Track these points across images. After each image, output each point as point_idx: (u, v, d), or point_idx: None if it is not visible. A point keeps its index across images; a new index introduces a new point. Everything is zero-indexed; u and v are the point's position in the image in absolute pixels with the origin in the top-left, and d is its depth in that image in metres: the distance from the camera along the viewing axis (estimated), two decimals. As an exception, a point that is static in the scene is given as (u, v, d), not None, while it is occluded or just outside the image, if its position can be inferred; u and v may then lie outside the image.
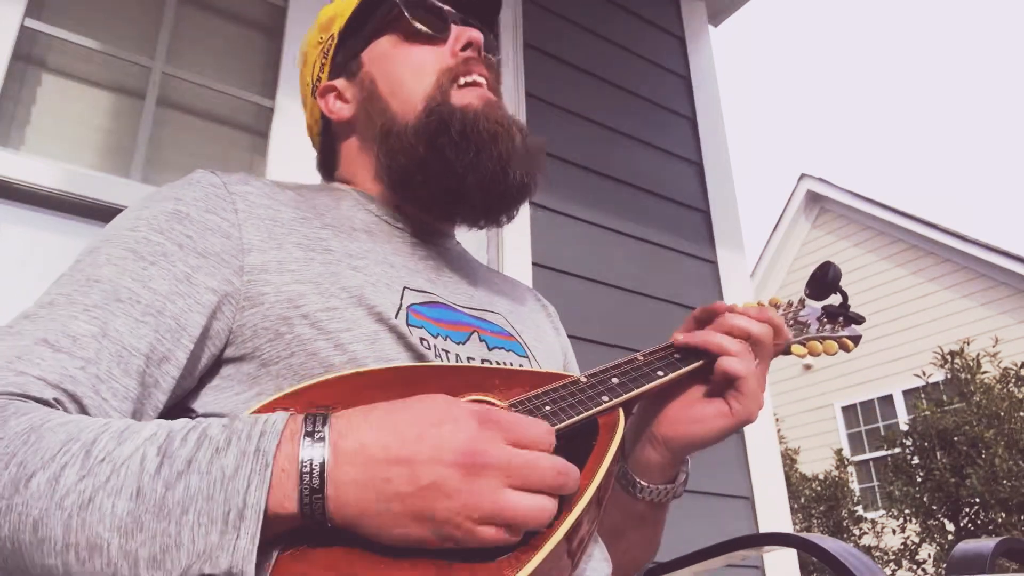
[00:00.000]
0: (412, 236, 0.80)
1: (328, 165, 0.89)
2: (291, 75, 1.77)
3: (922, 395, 7.02)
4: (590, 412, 0.62)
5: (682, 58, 2.67)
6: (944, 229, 8.69)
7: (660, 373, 0.71)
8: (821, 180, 9.95)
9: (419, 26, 0.79)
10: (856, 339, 0.86)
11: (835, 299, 0.86)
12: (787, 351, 0.81)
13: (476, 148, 0.73)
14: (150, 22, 1.71)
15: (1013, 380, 6.11)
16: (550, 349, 0.87)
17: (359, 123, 0.82)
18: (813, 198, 10.06)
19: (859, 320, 0.87)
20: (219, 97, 1.74)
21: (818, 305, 0.87)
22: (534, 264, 1.94)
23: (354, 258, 0.71)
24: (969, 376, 6.21)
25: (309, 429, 0.47)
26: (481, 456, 0.47)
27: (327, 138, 0.87)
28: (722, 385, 0.72)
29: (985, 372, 6.26)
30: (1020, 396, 5.96)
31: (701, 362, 0.73)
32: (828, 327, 0.85)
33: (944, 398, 6.33)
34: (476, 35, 0.79)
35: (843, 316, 0.87)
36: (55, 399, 0.52)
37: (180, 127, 1.69)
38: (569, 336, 1.00)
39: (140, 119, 1.62)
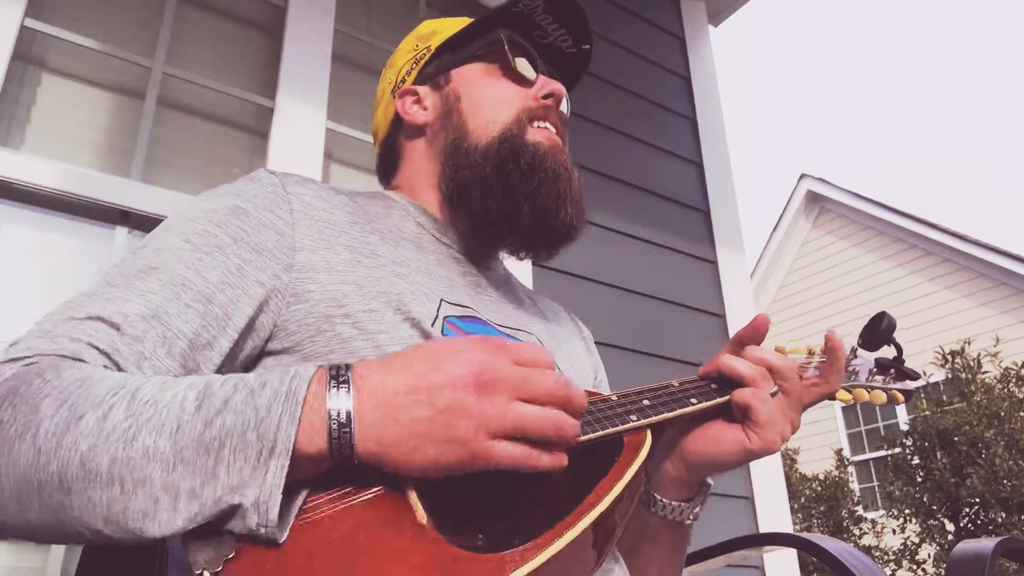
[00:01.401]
0: (457, 252, 0.83)
1: (386, 167, 0.92)
2: (291, 75, 1.77)
3: (922, 395, 7.02)
4: (617, 429, 0.63)
5: (682, 58, 2.67)
6: (944, 229, 8.69)
7: (693, 400, 0.71)
8: (821, 180, 9.95)
9: (517, 65, 0.85)
10: (908, 393, 0.85)
11: (888, 352, 0.85)
12: (832, 396, 0.81)
13: (539, 181, 0.78)
14: (150, 22, 1.71)
15: (1014, 380, 6.11)
16: (582, 371, 0.89)
17: (431, 131, 0.86)
18: (813, 198, 10.05)
19: (914, 376, 0.86)
20: (219, 97, 1.74)
21: (871, 356, 0.85)
22: (534, 264, 1.94)
23: (398, 265, 0.73)
24: (970, 376, 6.21)
25: (335, 374, 0.51)
26: (491, 374, 0.52)
27: (392, 140, 0.91)
28: (740, 414, 0.73)
29: (986, 372, 6.25)
30: (1021, 396, 5.96)
31: (730, 397, 0.74)
32: (879, 379, 0.84)
33: (944, 398, 6.33)
34: (560, 88, 0.85)
35: (896, 369, 0.86)
36: (103, 365, 0.55)
37: (180, 127, 1.68)
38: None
39: (140, 119, 1.62)
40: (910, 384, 0.86)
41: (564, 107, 0.89)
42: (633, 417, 0.64)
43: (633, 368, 1.99)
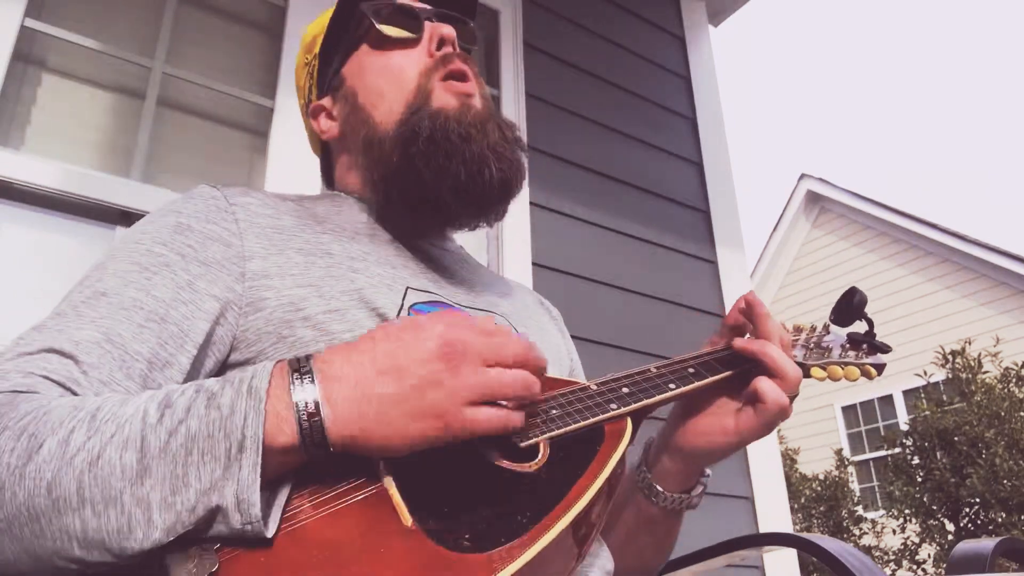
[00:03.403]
0: (412, 239, 0.81)
1: (328, 176, 0.92)
2: (291, 75, 1.77)
3: (922, 395, 7.01)
4: (597, 419, 0.62)
5: (682, 58, 2.67)
6: (944, 229, 8.69)
7: (672, 386, 0.71)
8: (821, 180, 9.94)
9: (388, 31, 0.79)
10: (880, 367, 0.85)
11: (860, 326, 0.86)
12: (807, 374, 0.81)
13: (446, 153, 0.72)
14: (150, 22, 1.71)
15: (1014, 380, 6.11)
16: (556, 352, 0.88)
17: (346, 138, 0.83)
18: (813, 198, 10.05)
19: (885, 349, 0.86)
20: (219, 97, 1.74)
21: (843, 331, 0.86)
22: (534, 264, 1.94)
23: (355, 260, 0.72)
24: (970, 376, 6.21)
25: (296, 366, 0.51)
26: (458, 344, 0.52)
27: (324, 155, 0.92)
28: (747, 399, 0.73)
29: (986, 372, 6.25)
30: (1021, 396, 5.96)
31: (714, 378, 0.73)
32: (852, 354, 0.85)
33: (944, 398, 6.33)
34: (448, 31, 0.79)
35: (868, 344, 0.86)
36: (60, 396, 0.54)
37: (180, 127, 1.68)
38: (570, 336, 1.00)
39: (140, 119, 1.62)
40: (882, 358, 0.86)
41: (470, 41, 0.84)
42: (613, 406, 0.64)
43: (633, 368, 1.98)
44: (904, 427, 6.80)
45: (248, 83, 1.79)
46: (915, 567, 6.15)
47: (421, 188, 0.74)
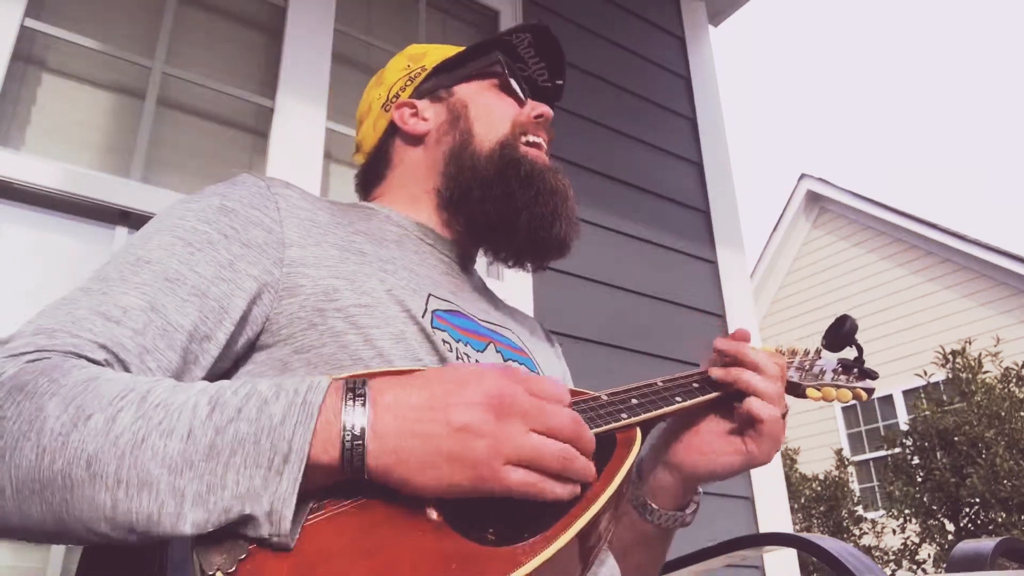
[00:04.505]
0: (439, 254, 0.85)
1: (371, 176, 0.94)
2: (291, 75, 1.77)
3: (922, 395, 7.01)
4: (610, 426, 0.65)
5: (682, 58, 2.67)
6: (944, 229, 8.69)
7: (678, 399, 0.74)
8: (821, 180, 9.95)
9: (515, 86, 0.90)
10: (869, 391, 0.89)
11: (850, 352, 0.89)
12: (803, 394, 0.85)
13: (537, 191, 0.81)
14: (150, 22, 1.71)
15: (1014, 380, 6.11)
16: (554, 375, 0.91)
17: (431, 138, 0.88)
18: (813, 198, 10.05)
19: (873, 376, 0.90)
20: (219, 97, 1.74)
21: (833, 357, 0.90)
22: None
23: (385, 262, 0.75)
24: (970, 376, 6.21)
25: (351, 387, 0.51)
26: (509, 399, 0.53)
27: (383, 149, 0.92)
28: (744, 423, 0.76)
29: (986, 372, 6.25)
30: (1021, 396, 5.96)
31: (717, 393, 0.77)
32: (843, 378, 0.88)
33: (944, 398, 6.33)
34: (549, 111, 0.91)
35: (857, 369, 0.90)
36: (105, 360, 0.55)
37: (180, 127, 1.69)
38: (568, 336, 1.01)
39: (140, 119, 1.62)
40: (870, 383, 0.90)
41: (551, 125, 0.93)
42: (624, 415, 0.67)
43: (633, 368, 1.99)
44: (904, 427, 6.80)
45: (248, 83, 1.79)
46: (915, 567, 6.15)
47: (505, 207, 0.81)
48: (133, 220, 1.50)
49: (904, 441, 6.37)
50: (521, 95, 0.91)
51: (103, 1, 1.66)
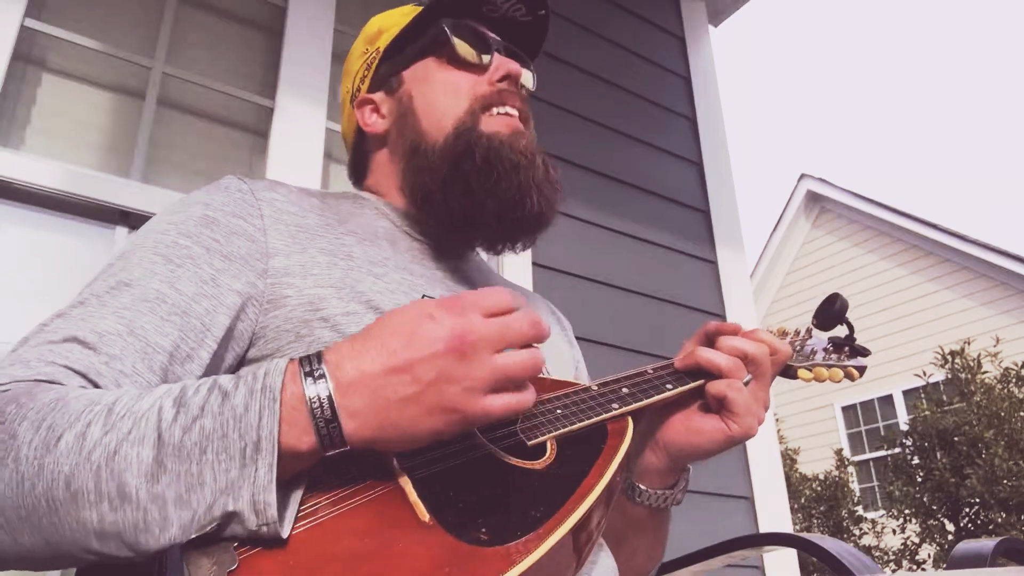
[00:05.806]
0: (432, 248, 0.83)
1: (358, 172, 0.92)
2: (291, 75, 1.77)
3: (922, 395, 7.02)
4: (601, 417, 0.65)
5: (682, 58, 2.67)
6: (944, 229, 8.69)
7: (669, 386, 0.74)
8: (821, 180, 9.94)
9: (461, 51, 0.81)
10: (861, 369, 0.88)
11: (841, 330, 0.89)
12: (794, 375, 0.84)
13: (497, 175, 0.75)
14: (150, 22, 1.71)
15: (1014, 380, 6.11)
16: (562, 361, 0.90)
17: (391, 138, 0.85)
18: (813, 198, 10.05)
19: (864, 352, 0.89)
20: (219, 97, 1.74)
21: (824, 336, 0.89)
22: (534, 264, 1.94)
23: (375, 265, 0.73)
24: (970, 376, 6.21)
25: (307, 369, 0.50)
26: (468, 335, 0.52)
27: (359, 147, 0.91)
28: (716, 404, 0.75)
29: (986, 372, 6.25)
30: (1021, 396, 5.96)
31: (704, 381, 0.76)
32: (834, 357, 0.88)
33: (944, 398, 6.33)
34: (515, 67, 0.82)
35: (849, 347, 0.89)
36: (81, 387, 0.54)
37: (180, 127, 1.69)
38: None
39: (140, 119, 1.62)
40: (862, 360, 0.89)
41: (529, 82, 0.87)
42: (615, 405, 0.67)
43: (633, 368, 1.98)
44: (904, 427, 6.81)
45: (248, 83, 1.79)
46: (915, 567, 6.15)
47: (465, 204, 0.77)
48: (133, 220, 1.50)
49: (904, 441, 6.37)
50: (480, 59, 0.82)
51: (103, 1, 1.66)
